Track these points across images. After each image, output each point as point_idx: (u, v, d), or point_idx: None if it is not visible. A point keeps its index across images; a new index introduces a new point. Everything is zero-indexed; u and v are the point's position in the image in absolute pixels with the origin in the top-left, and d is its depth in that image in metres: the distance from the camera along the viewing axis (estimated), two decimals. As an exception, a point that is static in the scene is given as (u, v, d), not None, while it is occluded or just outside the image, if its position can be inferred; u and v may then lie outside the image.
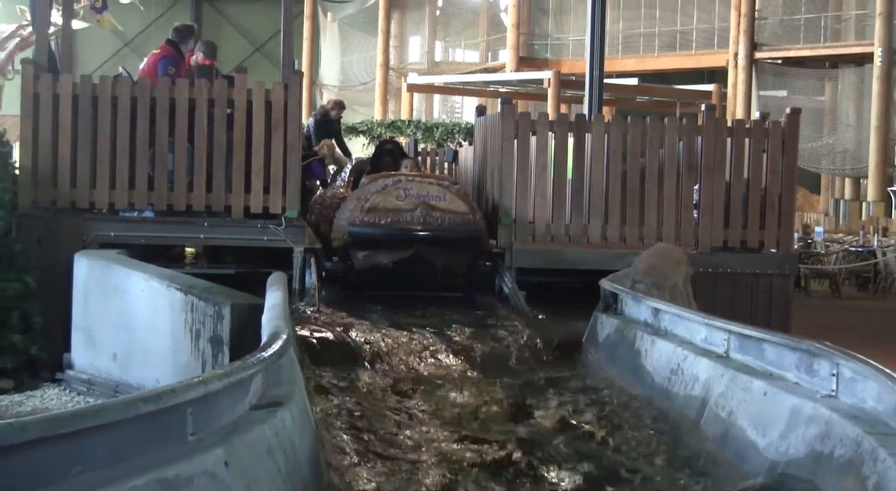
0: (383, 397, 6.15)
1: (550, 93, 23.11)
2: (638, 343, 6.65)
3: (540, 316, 8.10)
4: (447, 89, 28.27)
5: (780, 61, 25.11)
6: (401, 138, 19.16)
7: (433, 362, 6.92)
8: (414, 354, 6.98)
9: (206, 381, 3.45)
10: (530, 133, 9.37)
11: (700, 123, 9.65)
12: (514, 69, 27.42)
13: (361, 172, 10.09)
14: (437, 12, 32.25)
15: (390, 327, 7.38)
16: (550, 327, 7.85)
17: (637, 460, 5.10)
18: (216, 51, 10.82)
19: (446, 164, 13.87)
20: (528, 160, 9.33)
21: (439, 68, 30.81)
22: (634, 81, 26.06)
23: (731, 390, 5.19)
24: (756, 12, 24.71)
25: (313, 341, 6.92)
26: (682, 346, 6.05)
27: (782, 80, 25.20)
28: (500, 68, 28.69)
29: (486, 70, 29.31)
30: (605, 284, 7.63)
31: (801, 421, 4.48)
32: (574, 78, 23.22)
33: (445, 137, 20.84)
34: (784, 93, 25.22)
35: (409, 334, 7.24)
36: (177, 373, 6.68)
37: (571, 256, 9.18)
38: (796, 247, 14.76)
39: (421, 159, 13.97)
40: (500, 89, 25.96)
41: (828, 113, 25.33)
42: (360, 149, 19.46)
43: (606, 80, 14.58)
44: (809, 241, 19.77)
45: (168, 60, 9.54)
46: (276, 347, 4.30)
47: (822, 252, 19.17)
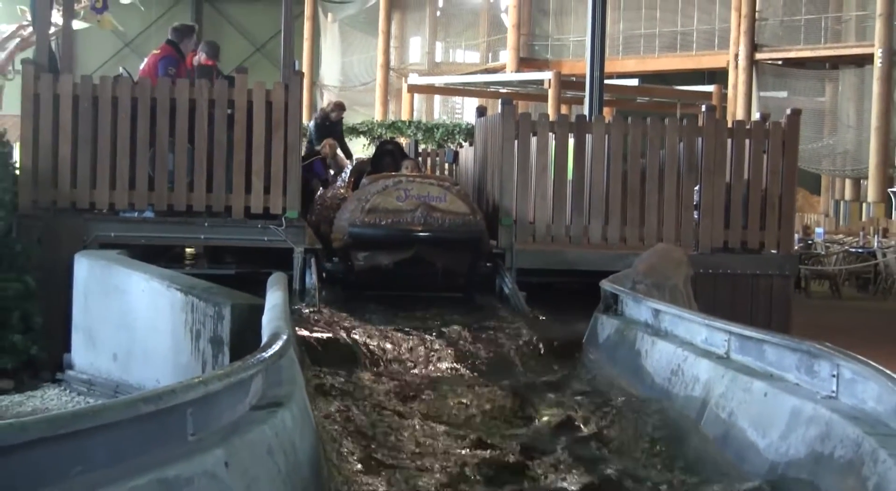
0: (383, 398, 6.14)
1: (551, 94, 23.12)
2: (638, 344, 6.65)
3: (540, 317, 8.10)
4: (448, 90, 28.28)
5: (780, 62, 25.10)
6: (401, 139, 19.16)
7: (433, 363, 6.92)
8: (414, 355, 6.98)
9: (206, 381, 3.45)
10: (531, 134, 9.38)
11: (700, 124, 9.65)
12: (514, 70, 27.41)
13: (362, 173, 10.09)
14: (438, 13, 32.24)
15: (390, 328, 7.38)
16: (551, 328, 7.85)
17: (637, 461, 5.10)
18: (219, 51, 10.84)
19: (447, 165, 13.87)
20: (528, 161, 9.33)
21: (440, 69, 30.81)
22: (635, 82, 26.07)
23: (731, 391, 5.19)
24: (756, 13, 24.70)
25: (314, 342, 6.92)
26: (682, 346, 6.05)
27: (783, 81, 25.20)
28: (501, 69, 28.69)
29: (487, 71, 29.31)
30: (606, 284, 7.63)
31: (802, 422, 4.48)
32: (574, 79, 23.23)
33: (446, 138, 20.85)
34: (784, 94, 25.22)
35: (409, 335, 7.24)
36: (177, 373, 6.68)
37: (572, 257, 9.18)
38: (796, 248, 14.76)
39: (421, 160, 13.97)
40: (501, 90, 25.97)
41: (828, 114, 25.31)
42: (360, 149, 19.47)
43: (607, 81, 14.59)
44: (810, 242, 19.76)
45: (168, 60, 9.54)
46: (276, 347, 4.30)
47: (823, 253, 19.18)
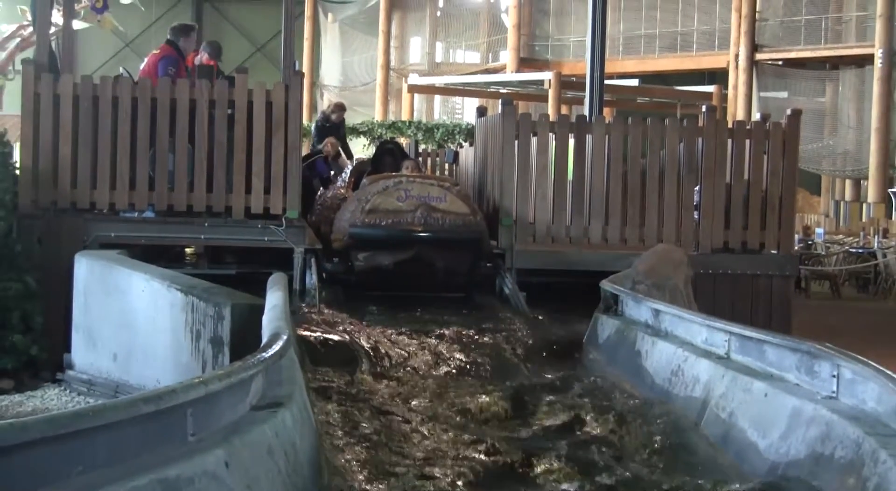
0: (383, 399, 6.14)
1: (551, 94, 23.12)
2: (638, 344, 6.65)
3: (540, 317, 8.11)
4: (448, 90, 28.27)
5: (780, 63, 25.09)
6: (401, 139, 19.16)
7: (433, 363, 6.92)
8: (414, 355, 6.98)
9: (206, 381, 3.46)
10: (531, 134, 9.38)
11: (701, 125, 9.66)
12: (514, 70, 27.40)
13: (362, 173, 10.08)
14: (438, 13, 32.22)
15: (391, 328, 7.38)
16: (551, 328, 7.86)
17: (638, 462, 5.10)
18: (221, 52, 10.85)
19: (447, 165, 13.86)
20: (528, 161, 9.33)
21: (440, 69, 30.79)
22: (635, 83, 26.06)
23: (731, 391, 5.19)
24: (757, 14, 24.69)
25: (314, 342, 6.92)
26: (682, 347, 6.05)
27: (783, 82, 25.18)
28: (501, 69, 28.68)
29: (487, 71, 29.30)
30: (606, 285, 7.64)
31: (802, 422, 4.48)
32: (575, 79, 23.22)
33: (446, 138, 20.85)
34: (785, 94, 25.21)
35: (409, 335, 7.24)
36: (177, 373, 6.68)
37: (572, 257, 9.18)
38: (797, 248, 14.77)
39: (421, 160, 13.96)
40: (501, 90, 25.95)
41: (828, 114, 25.30)
42: (360, 150, 19.46)
43: (607, 82, 14.59)
44: (810, 242, 19.76)
45: (168, 60, 9.53)
46: (276, 347, 4.31)
47: (823, 253, 19.18)
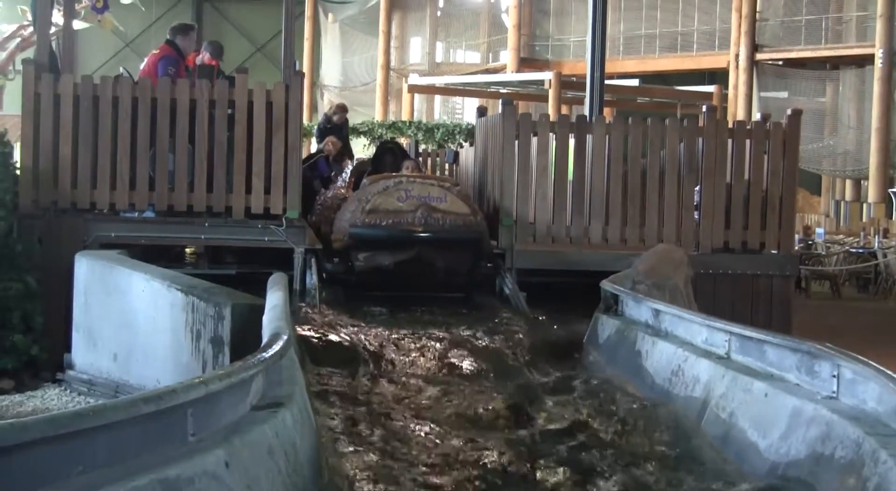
0: (383, 399, 6.14)
1: (551, 94, 23.11)
2: (639, 344, 6.65)
3: (541, 317, 8.10)
4: (448, 90, 28.26)
5: (780, 63, 25.08)
6: (402, 139, 19.16)
7: (434, 363, 6.92)
8: (414, 355, 6.98)
9: (206, 381, 3.46)
10: (531, 134, 9.38)
11: (701, 125, 9.66)
12: (515, 70, 27.39)
13: (362, 173, 10.07)
14: (438, 13, 32.21)
15: (391, 328, 7.38)
16: (551, 328, 7.86)
17: (639, 463, 5.10)
18: (222, 51, 10.86)
19: (447, 166, 13.86)
20: (529, 161, 9.33)
21: (440, 69, 30.79)
22: (635, 83, 26.04)
23: (731, 392, 5.19)
24: (757, 14, 24.68)
25: (314, 342, 6.92)
26: (682, 347, 6.05)
27: (783, 82, 25.18)
28: (501, 69, 28.67)
29: (487, 71, 29.29)
30: (606, 285, 7.64)
31: (802, 422, 4.48)
32: (575, 79, 23.22)
33: (446, 138, 20.83)
34: (785, 94, 25.20)
35: (409, 335, 7.24)
36: (177, 373, 6.68)
37: (572, 257, 9.18)
38: (797, 248, 14.77)
39: (422, 160, 13.96)
40: (501, 90, 25.94)
41: (829, 114, 25.29)
42: (360, 150, 19.45)
43: (607, 82, 14.58)
44: (810, 242, 19.77)
45: (168, 60, 9.53)
46: (276, 347, 4.31)
47: (823, 253, 19.18)
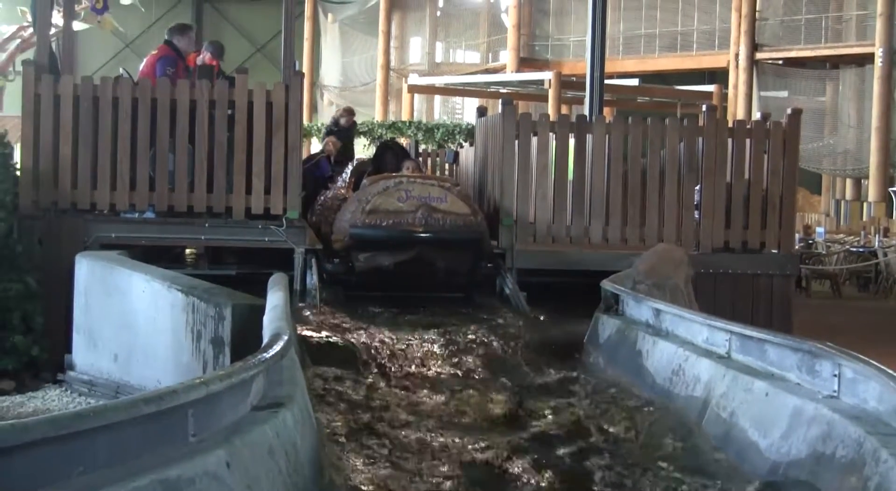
0: (383, 399, 6.14)
1: (551, 94, 23.11)
2: (639, 344, 6.65)
3: (541, 317, 8.09)
4: (448, 90, 28.27)
5: (780, 62, 25.10)
6: (402, 139, 19.15)
7: (434, 363, 6.91)
8: (415, 356, 6.97)
9: (207, 381, 3.46)
10: (531, 134, 9.37)
11: (701, 124, 9.65)
12: (514, 70, 27.40)
13: (362, 174, 10.06)
14: (438, 13, 32.23)
15: (391, 329, 7.37)
16: (551, 328, 7.85)
17: (639, 463, 5.10)
18: (223, 52, 10.86)
19: (447, 166, 13.86)
20: (529, 161, 9.33)
21: (440, 69, 30.80)
22: (635, 82, 26.03)
23: (732, 391, 5.19)
24: (757, 13, 24.70)
25: (314, 342, 6.92)
26: (683, 346, 6.05)
27: (783, 81, 25.19)
28: (501, 69, 28.68)
29: (487, 71, 29.31)
30: (607, 284, 7.63)
31: (803, 422, 4.48)
32: (575, 79, 23.23)
33: (446, 138, 20.83)
34: (785, 93, 25.22)
35: (410, 335, 7.23)
36: (178, 374, 6.68)
37: (572, 257, 9.17)
38: (797, 247, 14.78)
39: (422, 160, 13.97)
40: (501, 90, 25.95)
41: (829, 113, 25.31)
42: (360, 150, 19.45)
43: (607, 81, 14.57)
44: (810, 241, 19.76)
45: (166, 61, 9.53)
46: (277, 347, 4.31)
47: (823, 253, 19.18)
